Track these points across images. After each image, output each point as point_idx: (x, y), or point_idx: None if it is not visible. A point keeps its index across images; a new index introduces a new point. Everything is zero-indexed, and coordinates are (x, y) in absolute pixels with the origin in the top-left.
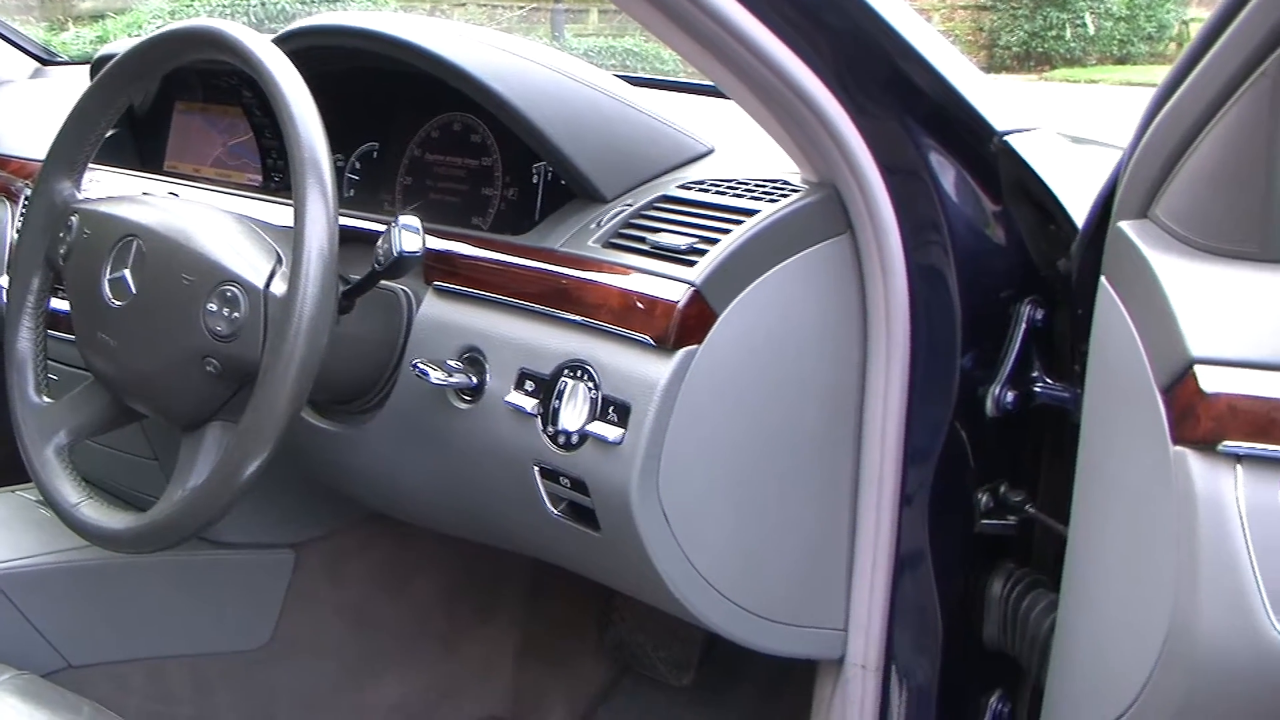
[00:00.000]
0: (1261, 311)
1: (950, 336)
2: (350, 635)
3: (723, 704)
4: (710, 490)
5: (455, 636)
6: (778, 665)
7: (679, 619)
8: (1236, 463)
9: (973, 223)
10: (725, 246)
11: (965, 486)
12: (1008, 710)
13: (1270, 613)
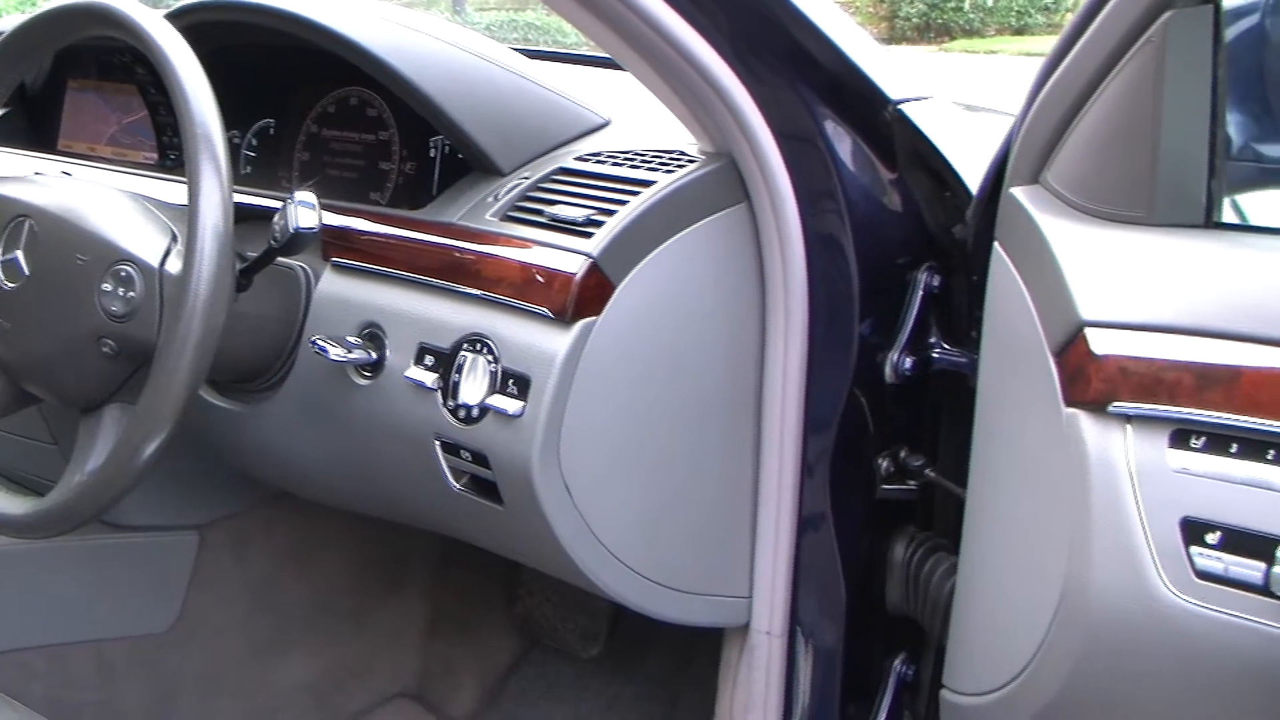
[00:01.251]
0: (1149, 274)
1: (848, 304)
2: (257, 615)
3: (631, 674)
4: (612, 461)
5: (363, 613)
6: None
7: (586, 591)
8: (1126, 423)
9: (869, 191)
10: (622, 218)
11: (866, 452)
12: (912, 672)
13: (1160, 570)
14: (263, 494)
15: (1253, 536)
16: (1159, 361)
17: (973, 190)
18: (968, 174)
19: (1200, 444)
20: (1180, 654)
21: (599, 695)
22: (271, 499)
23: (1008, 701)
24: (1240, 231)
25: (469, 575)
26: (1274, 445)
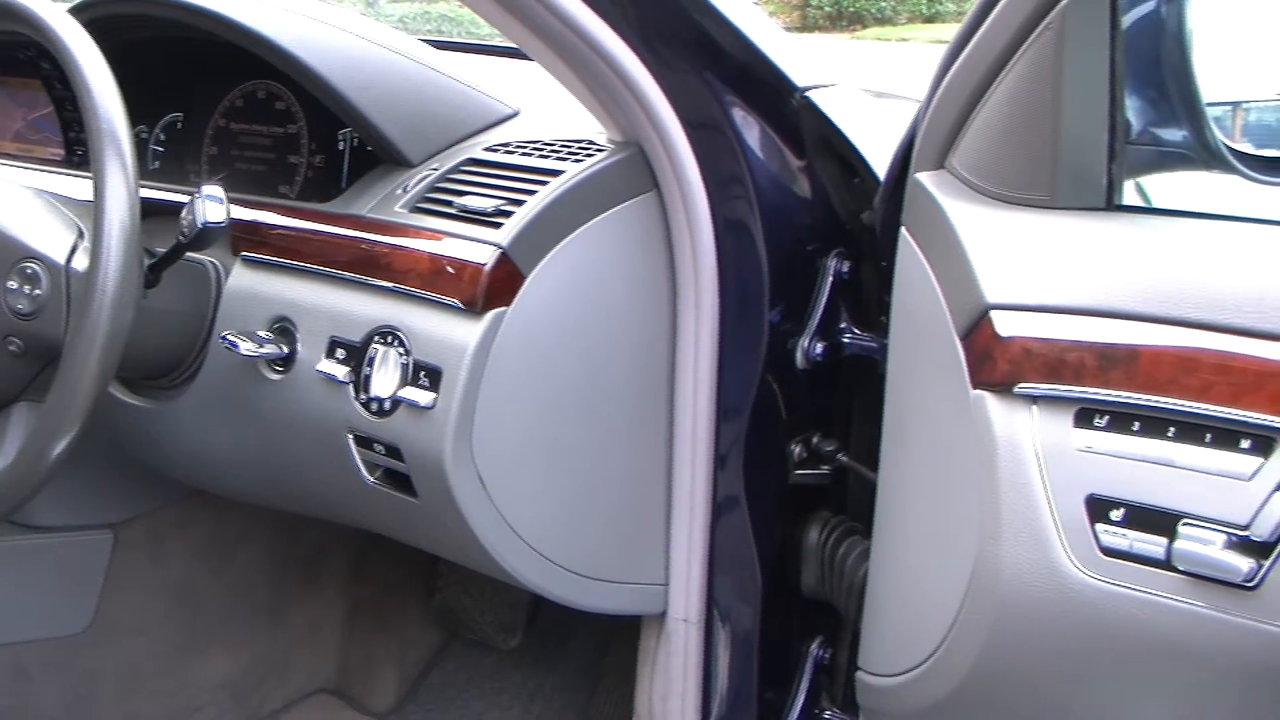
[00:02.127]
0: (1052, 257)
1: (758, 291)
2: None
3: (552, 664)
4: (525, 452)
5: (282, 609)
6: (605, 623)
7: (504, 582)
8: (1032, 403)
9: (777, 178)
10: (531, 208)
11: (778, 438)
12: (828, 656)
13: (1067, 547)
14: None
15: (1155, 512)
16: (1062, 343)
17: (880, 176)
18: (876, 160)
19: (1103, 423)
20: (1088, 629)
21: (520, 686)
22: (186, 496)
23: (922, 681)
24: (1140, 214)
25: (387, 568)
26: (1173, 423)
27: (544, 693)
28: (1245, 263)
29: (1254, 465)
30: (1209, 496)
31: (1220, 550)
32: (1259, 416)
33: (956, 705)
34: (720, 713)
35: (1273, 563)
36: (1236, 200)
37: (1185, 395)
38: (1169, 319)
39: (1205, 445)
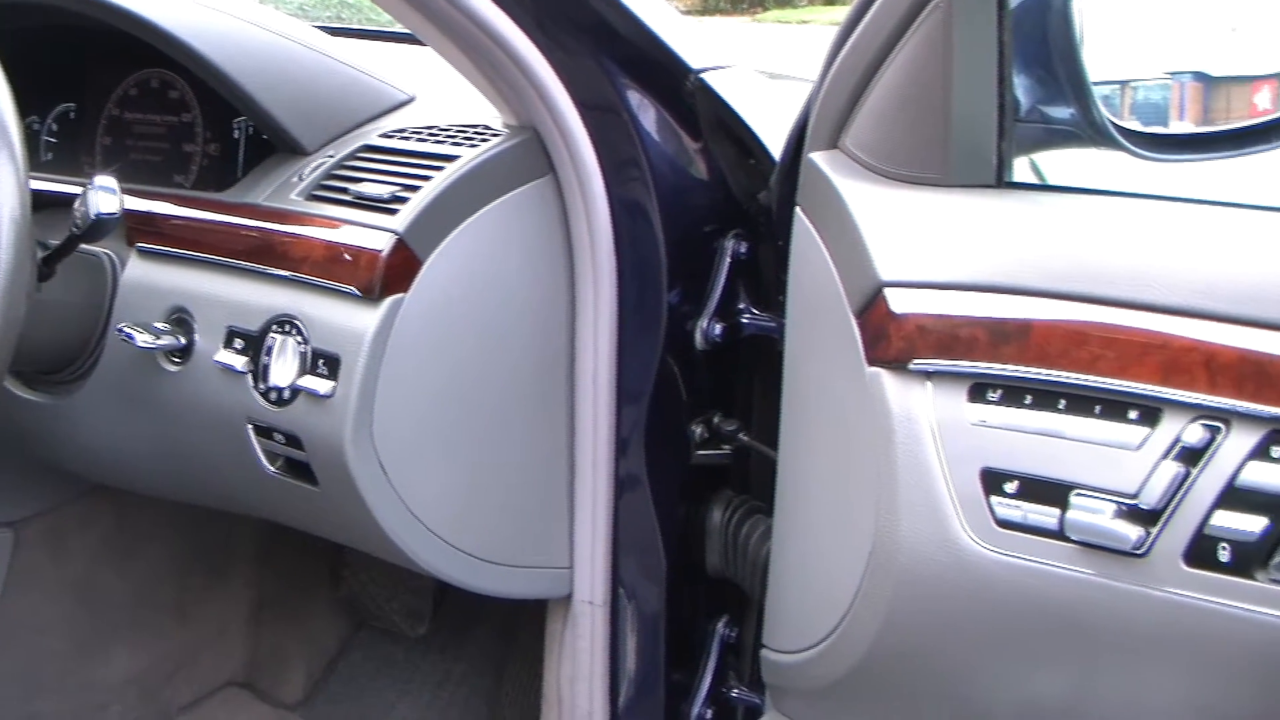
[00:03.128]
0: (944, 234)
1: (656, 273)
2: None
3: (460, 651)
4: (426, 438)
5: (188, 603)
6: (512, 609)
7: (410, 569)
8: (926, 379)
9: (673, 160)
10: (427, 194)
11: (679, 419)
12: (735, 635)
13: (963, 520)
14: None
15: (1047, 483)
16: (955, 318)
17: (776, 157)
18: (771, 141)
19: (996, 397)
20: (985, 601)
21: (429, 673)
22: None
23: (825, 656)
24: (1030, 191)
25: (293, 560)
26: (1063, 395)
27: (453, 679)
28: (1131, 238)
29: (1141, 435)
30: (1099, 467)
31: (1110, 519)
32: (1145, 387)
33: (860, 679)
34: (628, 694)
35: (1160, 530)
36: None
37: (1075, 368)
38: (1058, 293)
39: (1094, 417)
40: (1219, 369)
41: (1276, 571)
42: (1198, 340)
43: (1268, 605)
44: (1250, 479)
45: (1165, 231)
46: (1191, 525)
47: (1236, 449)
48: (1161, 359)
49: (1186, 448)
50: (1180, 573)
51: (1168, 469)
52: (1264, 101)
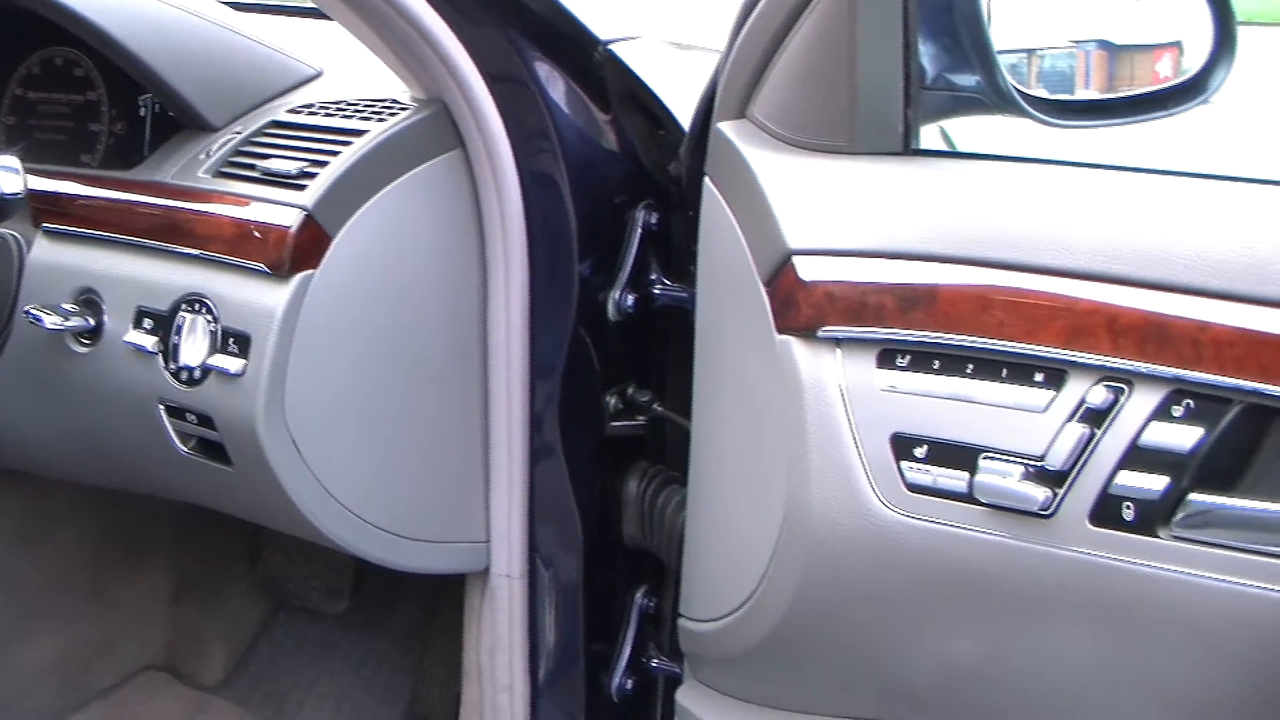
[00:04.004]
0: (852, 202)
1: (567, 245)
2: None
3: (380, 628)
4: (340, 415)
5: (104, 587)
6: (432, 584)
7: (327, 548)
8: (836, 346)
9: (583, 131)
10: (335, 169)
11: (593, 391)
12: (653, 605)
13: (874, 485)
14: None
15: (956, 447)
16: (863, 285)
17: (686, 128)
18: (681, 112)
19: (905, 362)
20: (897, 565)
21: (350, 651)
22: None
23: (741, 624)
24: (936, 158)
25: (211, 541)
26: (971, 360)
27: (374, 657)
28: (1037, 203)
29: (1047, 398)
30: (1006, 430)
31: (1018, 481)
32: (1050, 350)
33: (777, 645)
34: (548, 666)
35: (1066, 491)
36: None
37: (982, 333)
38: (965, 259)
39: (1001, 380)
40: (1121, 331)
41: (1179, 529)
42: (1101, 303)
43: (1170, 562)
44: (1152, 439)
45: (1070, 197)
46: (1096, 485)
47: (1139, 410)
48: (1066, 322)
49: (1091, 409)
50: (1086, 532)
51: (1073, 431)
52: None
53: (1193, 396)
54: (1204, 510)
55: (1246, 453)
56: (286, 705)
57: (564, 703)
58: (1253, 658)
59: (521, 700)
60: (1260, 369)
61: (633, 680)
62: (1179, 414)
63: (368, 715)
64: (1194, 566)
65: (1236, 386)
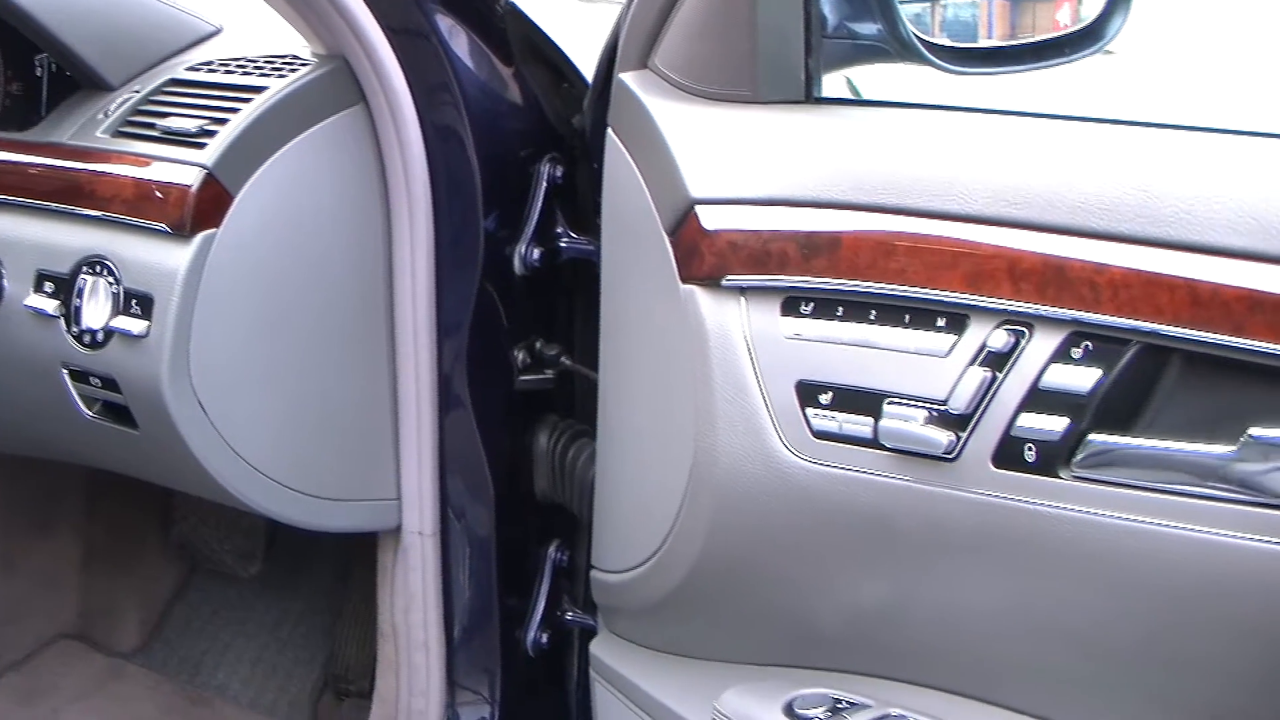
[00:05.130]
0: (754, 151)
1: (472, 199)
2: None
3: (296, 589)
4: (246, 375)
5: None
6: (345, 544)
7: (238, 509)
8: (740, 295)
9: (486, 85)
10: (235, 126)
11: (501, 346)
12: (566, 558)
13: (780, 433)
14: None
15: (860, 393)
16: (766, 233)
17: (590, 80)
18: (584, 64)
19: (809, 310)
20: (804, 511)
21: (265, 614)
22: None
23: (652, 574)
24: (838, 105)
25: (121, 506)
26: (874, 306)
27: (290, 618)
28: (938, 149)
29: (949, 342)
30: (909, 375)
31: (921, 425)
32: (952, 295)
33: (688, 594)
34: (463, 622)
35: (969, 434)
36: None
37: (884, 278)
38: (867, 205)
39: (904, 326)
40: (1022, 274)
41: (1079, 469)
42: (1001, 247)
43: (1071, 502)
44: (1052, 380)
45: (970, 142)
46: (998, 428)
47: (1039, 352)
48: (967, 267)
49: (992, 353)
50: (989, 474)
51: (975, 374)
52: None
53: (1091, 338)
54: (1103, 450)
55: (1143, 392)
56: (202, 669)
57: (479, 658)
58: (1151, 593)
59: (437, 657)
60: (1155, 309)
61: (548, 634)
62: (1078, 356)
63: (284, 676)
64: (1094, 505)
65: (1133, 327)
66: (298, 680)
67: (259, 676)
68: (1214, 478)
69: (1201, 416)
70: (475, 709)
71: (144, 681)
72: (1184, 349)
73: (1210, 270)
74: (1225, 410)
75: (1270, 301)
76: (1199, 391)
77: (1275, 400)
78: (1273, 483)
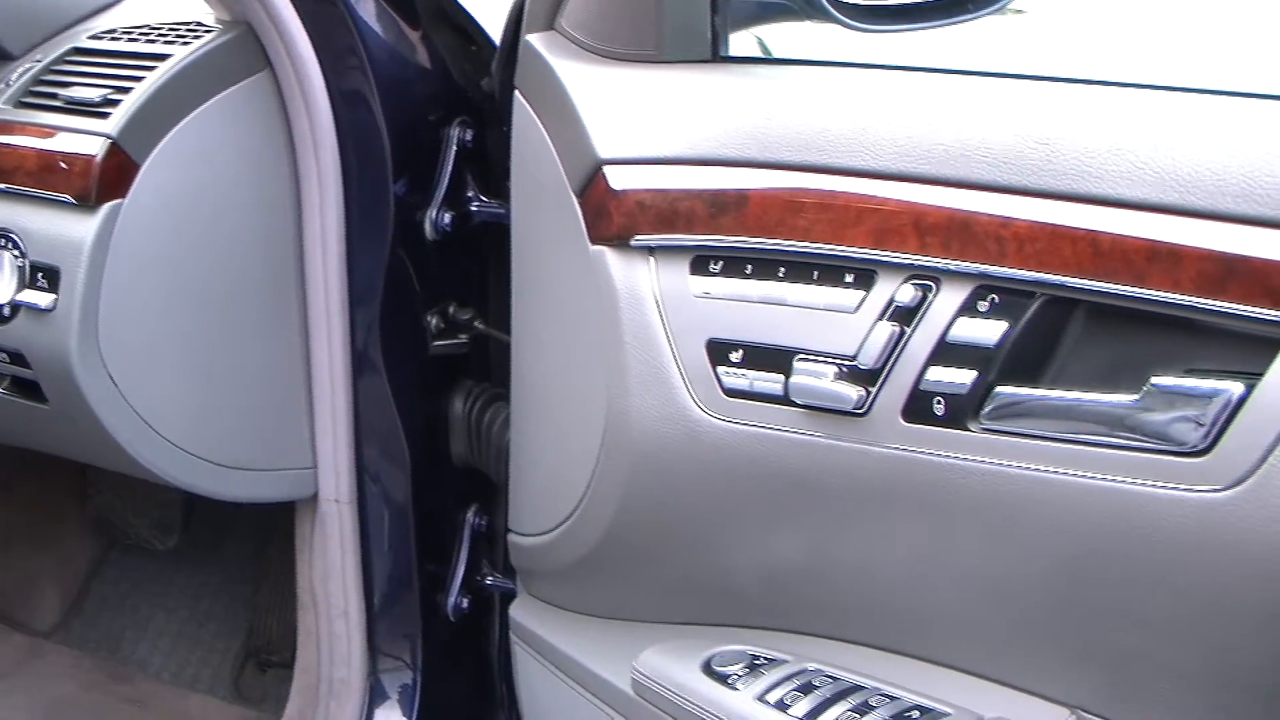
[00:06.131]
0: (660, 110)
1: (382, 165)
2: None
3: (216, 561)
4: (157, 348)
5: None
6: (265, 514)
7: (154, 482)
8: (649, 255)
9: (393, 48)
10: (140, 95)
11: (414, 311)
12: (485, 523)
13: (692, 391)
14: None
15: (771, 351)
16: (674, 193)
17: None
18: (492, 26)
19: (718, 268)
20: (718, 470)
21: (184, 587)
22: None
23: (569, 536)
24: (744, 64)
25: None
26: (783, 263)
27: (209, 591)
28: (844, 106)
29: (857, 298)
30: (819, 331)
31: (831, 381)
32: (859, 251)
33: (605, 555)
34: (383, 589)
35: (879, 389)
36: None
37: (792, 236)
38: (774, 163)
39: (813, 283)
40: (928, 229)
41: (987, 421)
42: (907, 202)
43: (980, 454)
44: (959, 334)
45: (877, 99)
46: (907, 382)
47: (946, 306)
48: (874, 223)
49: (900, 307)
50: (899, 428)
51: (883, 329)
52: None
53: (997, 291)
54: (1010, 402)
55: (1049, 344)
56: (123, 645)
57: (400, 625)
58: (1060, 542)
59: (358, 625)
60: (1060, 262)
61: (468, 599)
62: (984, 309)
63: (205, 649)
64: (1002, 457)
65: (1038, 279)
66: (219, 653)
67: (180, 650)
68: (1119, 427)
69: (1106, 367)
70: (397, 675)
71: (64, 659)
72: (1088, 300)
73: (1111, 222)
74: (1128, 360)
75: (1169, 251)
76: (1103, 342)
77: (1176, 349)
78: (1175, 430)
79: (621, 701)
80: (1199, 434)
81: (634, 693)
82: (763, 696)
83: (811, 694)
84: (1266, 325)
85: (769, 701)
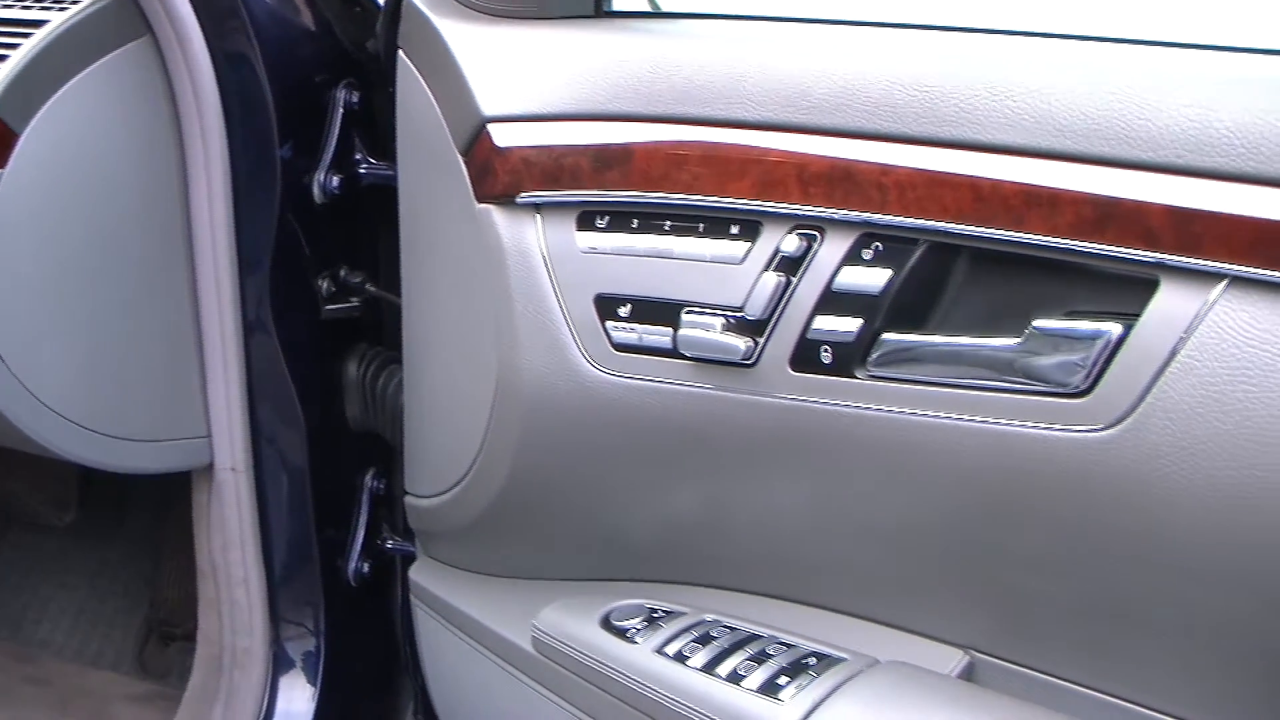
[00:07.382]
0: (544, 66)
1: (266, 128)
2: None
3: (114, 535)
4: (43, 320)
5: None
6: (163, 486)
7: (46, 457)
8: (536, 212)
9: (275, 11)
10: (16, 62)
11: (304, 276)
12: (383, 486)
13: (582, 347)
14: None
15: (659, 304)
16: (558, 149)
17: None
18: None
19: (604, 224)
20: (610, 424)
21: (83, 563)
22: None
23: (464, 496)
24: (627, 18)
25: None
26: (669, 216)
27: (109, 567)
28: (726, 57)
29: (743, 249)
30: (706, 283)
31: (720, 333)
32: (744, 202)
33: (501, 513)
34: (282, 557)
35: (767, 339)
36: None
37: (676, 189)
38: (657, 117)
39: (699, 235)
40: (811, 179)
41: (874, 368)
42: (789, 152)
43: (868, 400)
44: (844, 282)
45: (758, 49)
46: (795, 331)
47: (831, 255)
48: (757, 173)
49: (786, 257)
50: (788, 378)
51: (769, 280)
52: None
53: (881, 239)
54: (896, 348)
55: (933, 290)
56: (24, 624)
57: (301, 592)
58: (950, 485)
59: (258, 593)
60: (941, 208)
61: (369, 563)
62: (869, 257)
63: (108, 625)
64: (890, 403)
65: (920, 226)
66: (121, 628)
67: (83, 627)
68: (1003, 370)
69: (989, 311)
70: (300, 643)
71: None
72: (969, 245)
73: (990, 167)
74: (1011, 304)
75: (1047, 195)
76: (986, 287)
77: (1055, 291)
78: (1057, 372)
79: (523, 659)
80: (1080, 375)
81: (535, 650)
82: (661, 649)
83: (709, 645)
84: (1142, 266)
85: (668, 654)
